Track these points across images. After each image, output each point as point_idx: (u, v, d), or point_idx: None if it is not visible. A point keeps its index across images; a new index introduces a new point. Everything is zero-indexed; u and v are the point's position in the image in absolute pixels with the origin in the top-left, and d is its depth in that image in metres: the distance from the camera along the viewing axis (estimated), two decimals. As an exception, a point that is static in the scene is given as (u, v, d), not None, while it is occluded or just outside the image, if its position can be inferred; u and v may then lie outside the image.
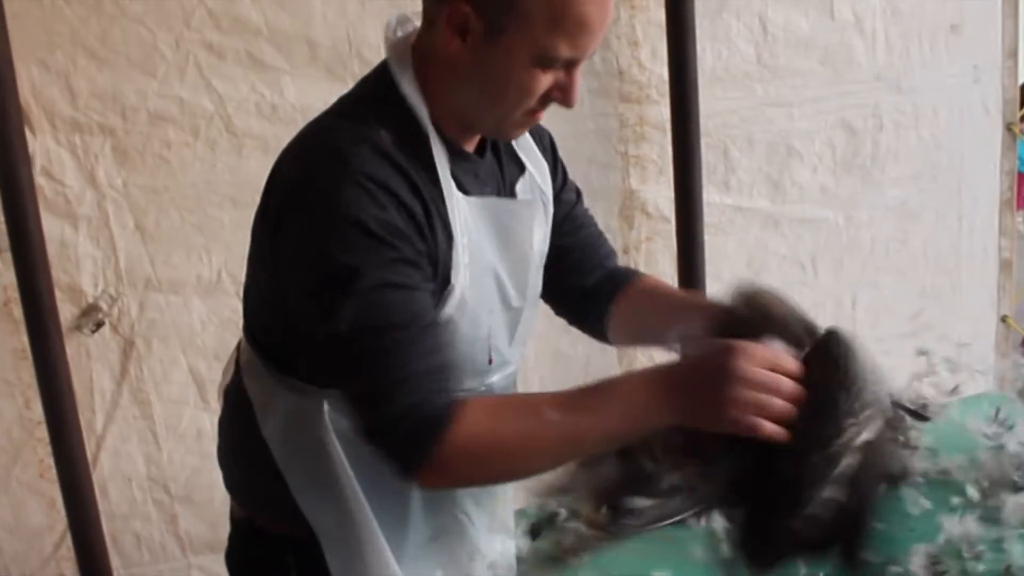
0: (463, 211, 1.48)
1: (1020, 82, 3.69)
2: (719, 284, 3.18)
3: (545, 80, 1.42)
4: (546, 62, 1.40)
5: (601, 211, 3.03)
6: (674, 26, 2.95)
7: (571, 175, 1.72)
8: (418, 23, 1.50)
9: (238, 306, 2.70)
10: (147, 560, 2.93)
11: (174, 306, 2.82)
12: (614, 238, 3.06)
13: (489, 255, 1.53)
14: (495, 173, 1.61)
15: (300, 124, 2.71)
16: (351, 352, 1.36)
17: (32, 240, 2.59)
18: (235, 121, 2.74)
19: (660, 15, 2.95)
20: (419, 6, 1.46)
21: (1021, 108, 3.65)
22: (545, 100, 1.46)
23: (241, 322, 1.67)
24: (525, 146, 1.67)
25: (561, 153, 1.79)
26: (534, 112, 1.48)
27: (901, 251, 3.46)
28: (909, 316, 3.48)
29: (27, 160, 2.58)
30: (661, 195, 3.09)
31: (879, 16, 3.30)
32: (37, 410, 2.77)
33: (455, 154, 1.50)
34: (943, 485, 2.19)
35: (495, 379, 1.63)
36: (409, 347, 1.35)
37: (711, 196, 3.13)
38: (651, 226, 3.12)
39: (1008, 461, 2.28)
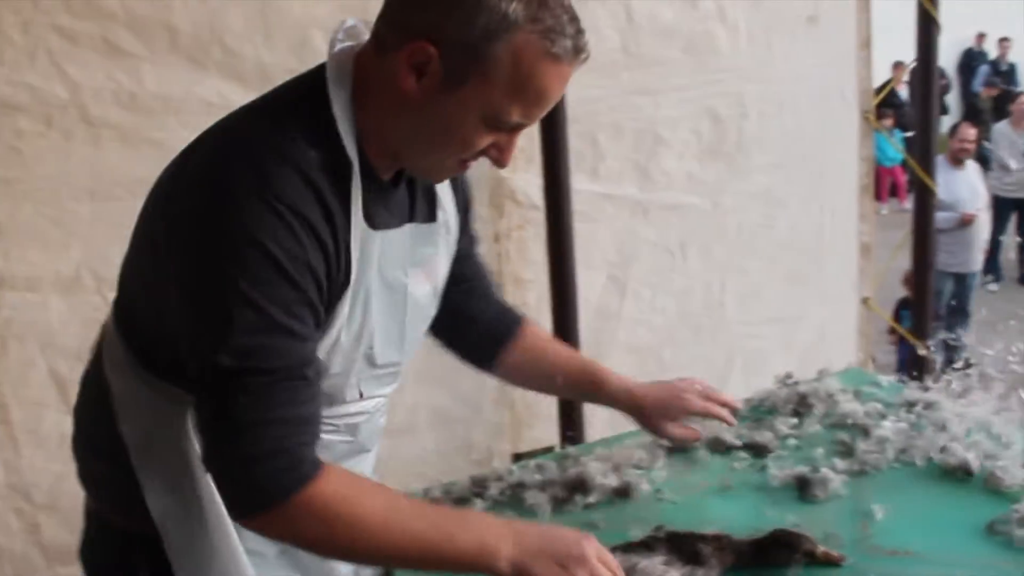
0: (365, 247, 1.44)
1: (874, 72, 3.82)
2: (589, 271, 3.21)
3: (487, 138, 1.41)
4: (495, 123, 1.39)
5: (471, 200, 3.03)
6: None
7: None
8: (366, 33, 1.46)
9: (100, 304, 2.61)
10: (7, 573, 2.80)
11: (31, 304, 2.69)
12: (485, 226, 3.07)
13: (374, 297, 1.50)
14: (405, 203, 1.57)
15: (161, 114, 2.67)
16: (227, 384, 1.32)
17: None
18: (91, 110, 2.62)
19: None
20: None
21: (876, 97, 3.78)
22: (480, 155, 1.45)
23: (106, 316, 1.59)
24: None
25: None
26: (465, 163, 1.47)
27: (767, 236, 3.54)
28: (776, 300, 3.59)
29: None
30: (531, 183, 3.10)
31: (740, 7, 3.37)
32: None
33: (372, 182, 1.46)
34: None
35: (357, 411, 1.63)
36: (284, 393, 1.33)
37: (581, 184, 3.16)
38: (521, 214, 3.13)
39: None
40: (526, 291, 3.12)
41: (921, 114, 3.65)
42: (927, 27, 3.48)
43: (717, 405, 2.01)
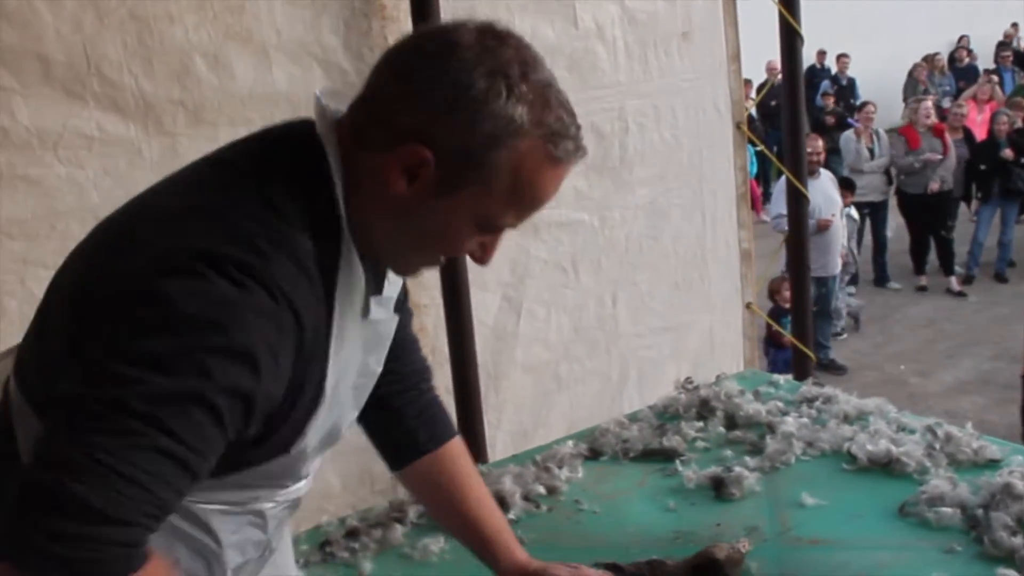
0: (351, 334, 1.35)
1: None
2: (484, 292, 3.20)
3: (476, 240, 1.34)
4: (489, 227, 1.32)
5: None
6: (420, 35, 2.94)
7: None
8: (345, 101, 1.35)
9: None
10: None
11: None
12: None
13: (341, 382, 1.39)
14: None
15: (36, 149, 2.56)
16: (117, 424, 1.12)
17: None
18: (-41, 148, 2.49)
19: (410, 25, 2.94)
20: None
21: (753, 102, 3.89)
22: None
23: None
24: None
25: None
26: (445, 260, 1.41)
27: (653, 248, 3.59)
28: (665, 309, 3.64)
29: None
30: (425, 204, 3.05)
31: (618, 25, 3.43)
32: None
33: (371, 273, 1.37)
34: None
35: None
36: (171, 468, 1.15)
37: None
38: (414, 240, 3.08)
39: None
40: (423, 316, 3.08)
41: (790, 123, 3.75)
42: (791, 39, 3.59)
43: None
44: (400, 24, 2.95)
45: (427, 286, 3.08)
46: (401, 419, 1.72)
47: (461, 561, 1.89)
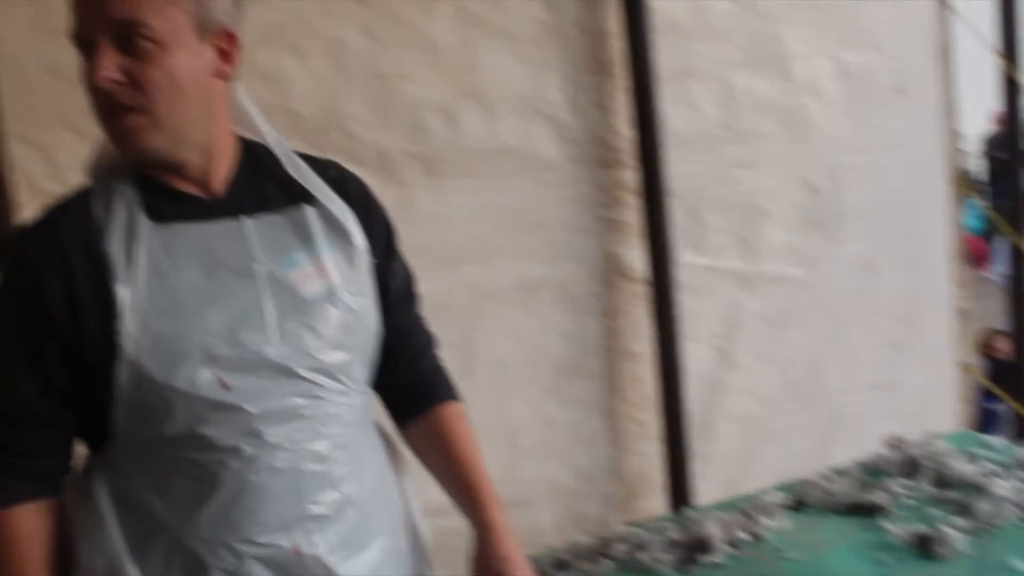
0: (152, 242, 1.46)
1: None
2: (696, 343, 3.26)
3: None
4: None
5: (581, 275, 3.12)
6: (638, 92, 3.06)
7: (550, 240, 1.56)
8: None
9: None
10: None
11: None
12: (594, 301, 3.14)
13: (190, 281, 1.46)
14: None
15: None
16: None
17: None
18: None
19: (629, 81, 3.06)
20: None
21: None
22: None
23: None
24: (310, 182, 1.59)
25: (541, 219, 1.67)
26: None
27: (865, 304, 3.57)
28: (876, 366, 3.61)
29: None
30: (639, 258, 3.16)
31: (832, 79, 3.45)
32: None
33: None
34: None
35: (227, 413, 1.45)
36: None
37: (686, 257, 3.22)
38: (631, 288, 3.18)
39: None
40: (637, 364, 3.17)
41: (1010, 177, 3.67)
42: (1011, 90, 3.52)
43: None
44: (621, 80, 3.08)
45: (641, 335, 3.17)
46: (407, 381, 1.73)
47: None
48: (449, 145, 2.89)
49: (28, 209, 2.64)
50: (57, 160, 2.67)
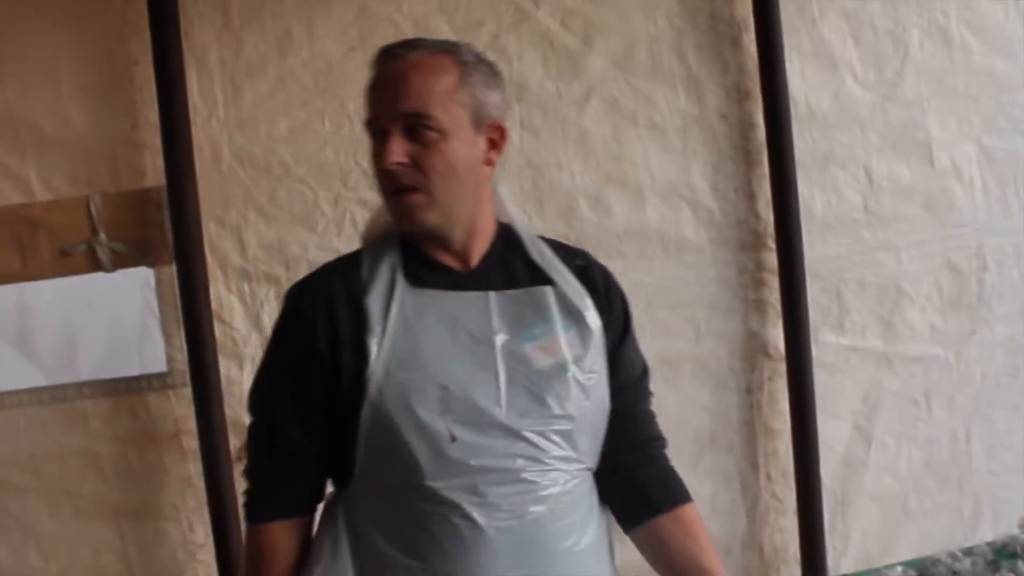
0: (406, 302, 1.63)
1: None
2: (836, 420, 3.32)
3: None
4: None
5: (723, 354, 3.25)
6: (778, 178, 3.19)
7: (694, 319, 1.67)
8: None
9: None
10: None
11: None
12: (736, 379, 3.26)
13: (432, 342, 1.61)
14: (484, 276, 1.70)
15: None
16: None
17: (210, 378, 2.86)
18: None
19: (786, 170, 3.19)
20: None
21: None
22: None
23: None
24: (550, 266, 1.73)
25: (684, 298, 1.79)
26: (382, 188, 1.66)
27: (1012, 385, 3.55)
28: (1022, 449, 3.57)
29: (209, 307, 2.87)
30: (780, 337, 3.26)
31: (975, 164, 3.50)
32: (200, 533, 2.99)
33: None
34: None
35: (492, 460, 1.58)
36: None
37: (826, 337, 3.30)
38: (772, 367, 3.28)
39: None
40: (775, 440, 3.25)
41: None
42: None
43: None
44: (763, 168, 3.21)
45: (781, 412, 3.25)
46: (634, 480, 1.75)
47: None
48: (597, 228, 3.08)
49: (219, 283, 2.93)
50: (246, 239, 2.95)
